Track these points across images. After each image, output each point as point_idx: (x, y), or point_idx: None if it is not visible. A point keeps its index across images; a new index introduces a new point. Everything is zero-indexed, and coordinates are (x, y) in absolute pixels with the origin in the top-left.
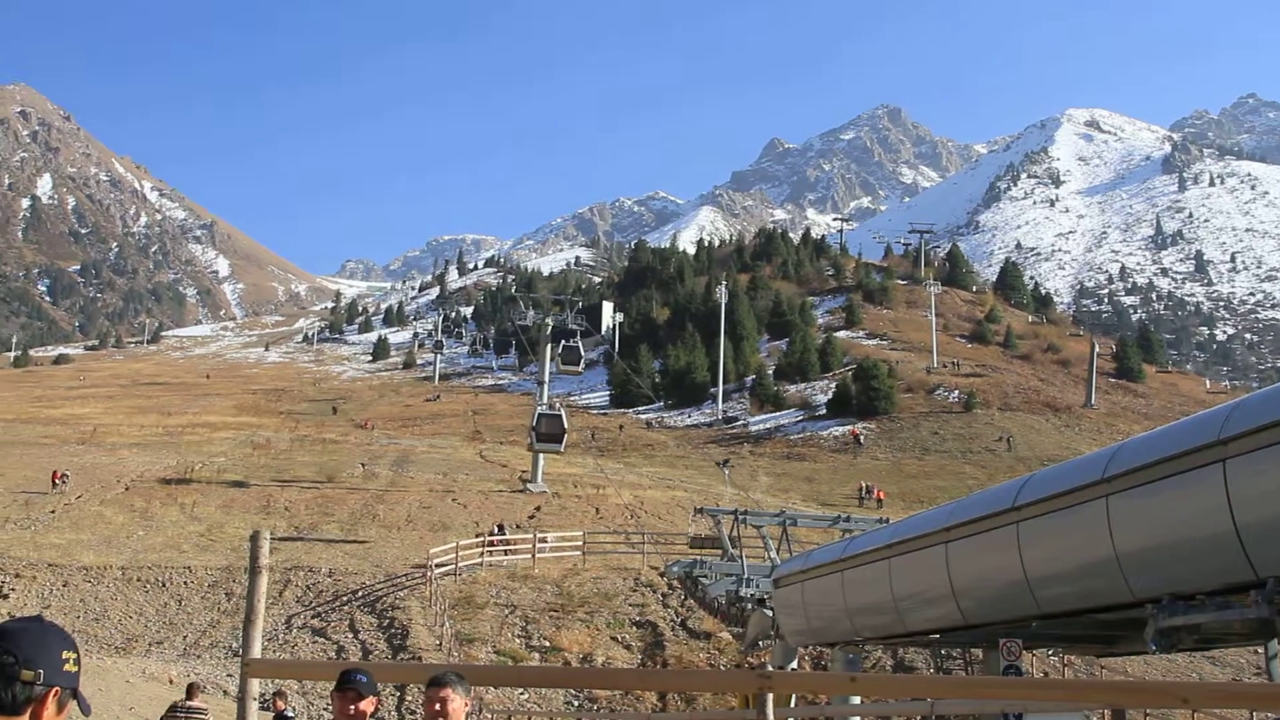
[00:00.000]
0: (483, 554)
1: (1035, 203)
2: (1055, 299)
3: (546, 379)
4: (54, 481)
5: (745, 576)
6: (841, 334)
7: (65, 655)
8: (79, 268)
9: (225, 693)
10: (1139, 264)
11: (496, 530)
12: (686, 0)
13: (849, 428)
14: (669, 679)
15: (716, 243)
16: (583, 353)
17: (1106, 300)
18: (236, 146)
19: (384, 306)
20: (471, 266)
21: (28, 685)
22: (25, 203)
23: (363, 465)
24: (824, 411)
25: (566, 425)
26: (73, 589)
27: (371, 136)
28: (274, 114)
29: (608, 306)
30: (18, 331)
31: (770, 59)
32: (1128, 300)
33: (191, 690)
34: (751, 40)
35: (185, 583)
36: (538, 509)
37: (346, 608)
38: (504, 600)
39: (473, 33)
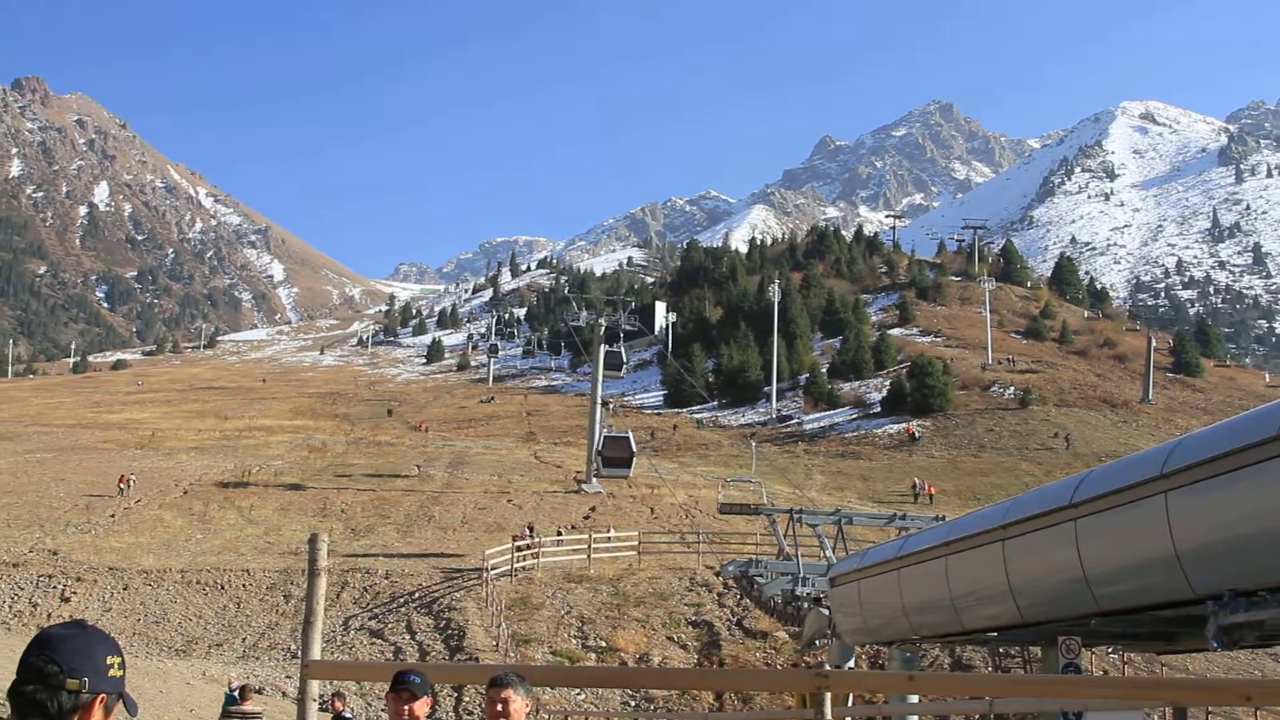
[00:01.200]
0: (512, 558)
1: (1090, 197)
2: (1111, 294)
3: (600, 378)
4: (120, 485)
5: (801, 575)
6: (895, 331)
7: (109, 661)
8: (136, 274)
9: (284, 694)
10: (1196, 257)
11: (527, 532)
12: (738, 1)
13: (904, 425)
14: (726, 679)
15: (769, 241)
16: (624, 358)
17: (1163, 294)
18: (288, 149)
19: (437, 309)
20: (524, 268)
21: (73, 694)
22: (83, 210)
23: (418, 467)
24: (878, 409)
25: (635, 449)
26: (133, 592)
27: (423, 138)
28: (324, 116)
29: (660, 306)
30: (76, 338)
31: (821, 58)
32: (1184, 294)
33: (244, 693)
34: (803, 40)
35: (244, 585)
36: (593, 509)
37: (403, 609)
38: (560, 601)
39: (525, 33)
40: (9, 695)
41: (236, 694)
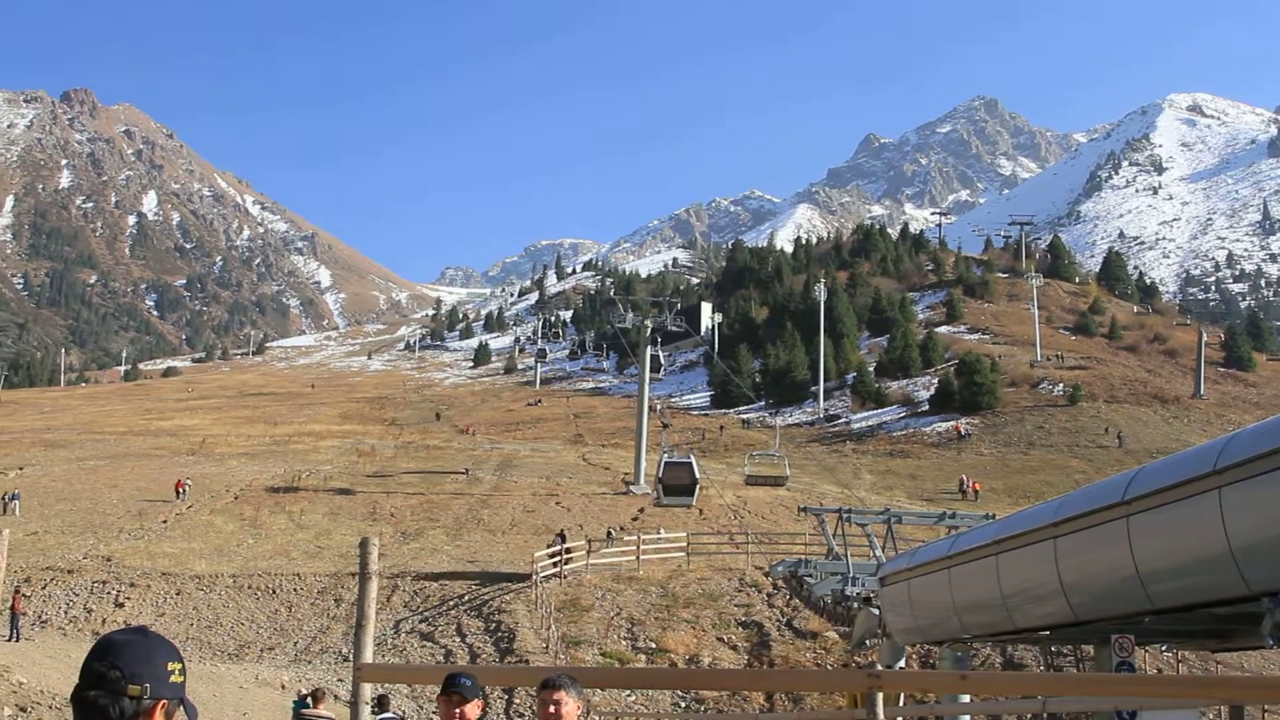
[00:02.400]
0: (556, 562)
1: (1138, 191)
2: (1160, 288)
3: (647, 379)
4: (176, 490)
5: (851, 575)
6: (942, 329)
7: (170, 666)
8: (185, 282)
9: (336, 697)
10: (1246, 250)
11: (557, 540)
12: (782, 5)
13: (952, 423)
14: (777, 679)
15: (814, 240)
16: (662, 360)
17: (1213, 288)
18: (335, 154)
19: (484, 312)
20: (570, 271)
21: (135, 699)
22: (132, 220)
23: (466, 470)
24: (926, 408)
25: (699, 474)
26: (186, 597)
27: (469, 142)
28: (371, 121)
29: (706, 307)
30: (127, 346)
31: (865, 61)
32: (1235, 287)
33: (317, 697)
34: (848, 42)
35: (295, 589)
36: (641, 511)
37: (453, 612)
38: (609, 602)
39: (569, 37)
40: (72, 700)
41: (308, 699)
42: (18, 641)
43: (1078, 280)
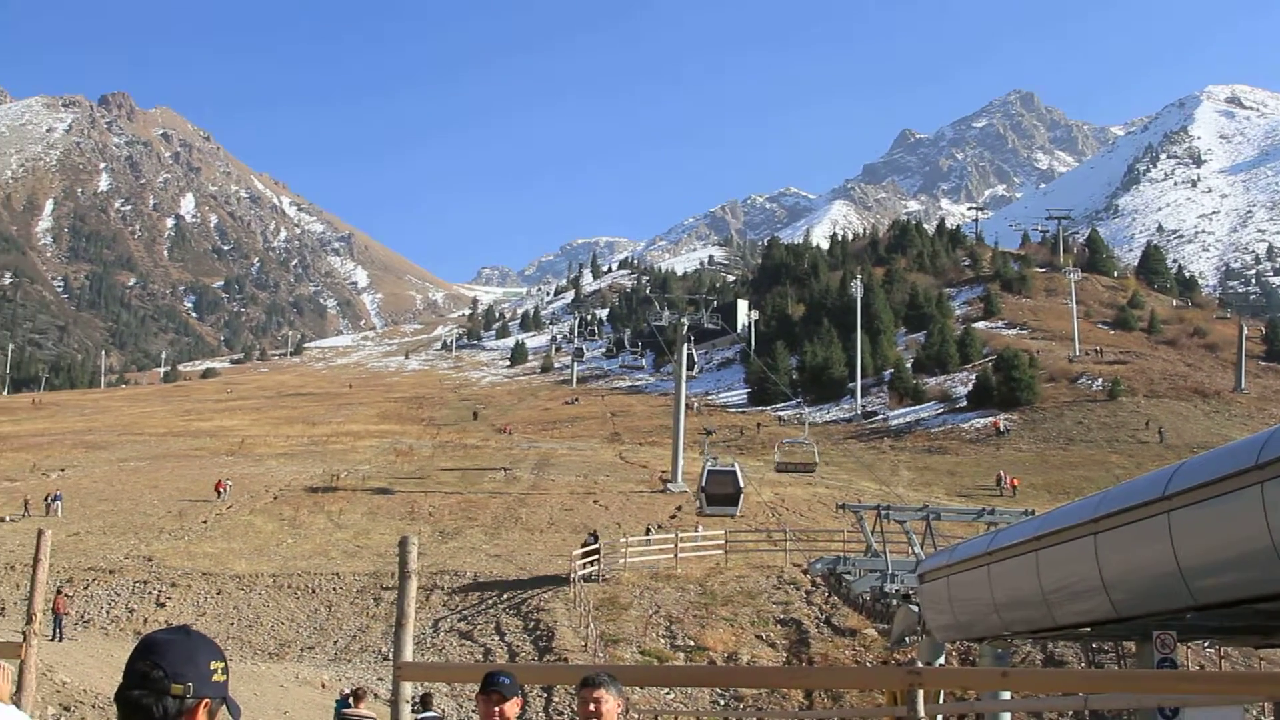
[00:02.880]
0: (586, 564)
1: (1176, 184)
2: (1200, 282)
3: (683, 377)
4: (217, 490)
5: (890, 572)
6: (980, 325)
7: (213, 666)
8: (223, 283)
9: (375, 696)
10: None
11: (591, 540)
12: (819, 3)
13: (991, 419)
14: (818, 676)
15: (850, 237)
16: (697, 359)
17: (1254, 281)
18: (370, 153)
19: (520, 312)
20: (606, 269)
21: (178, 699)
22: (170, 222)
23: (504, 470)
24: (964, 404)
25: (743, 483)
26: (226, 597)
27: (504, 140)
28: (406, 119)
29: (743, 304)
30: (167, 347)
31: (902, 55)
32: (1276, 280)
33: (358, 695)
34: (883, 39)
35: (334, 589)
36: (679, 509)
37: (492, 610)
38: (648, 600)
39: (606, 33)
40: (116, 699)
41: (350, 698)
42: (61, 641)
43: (1116, 274)
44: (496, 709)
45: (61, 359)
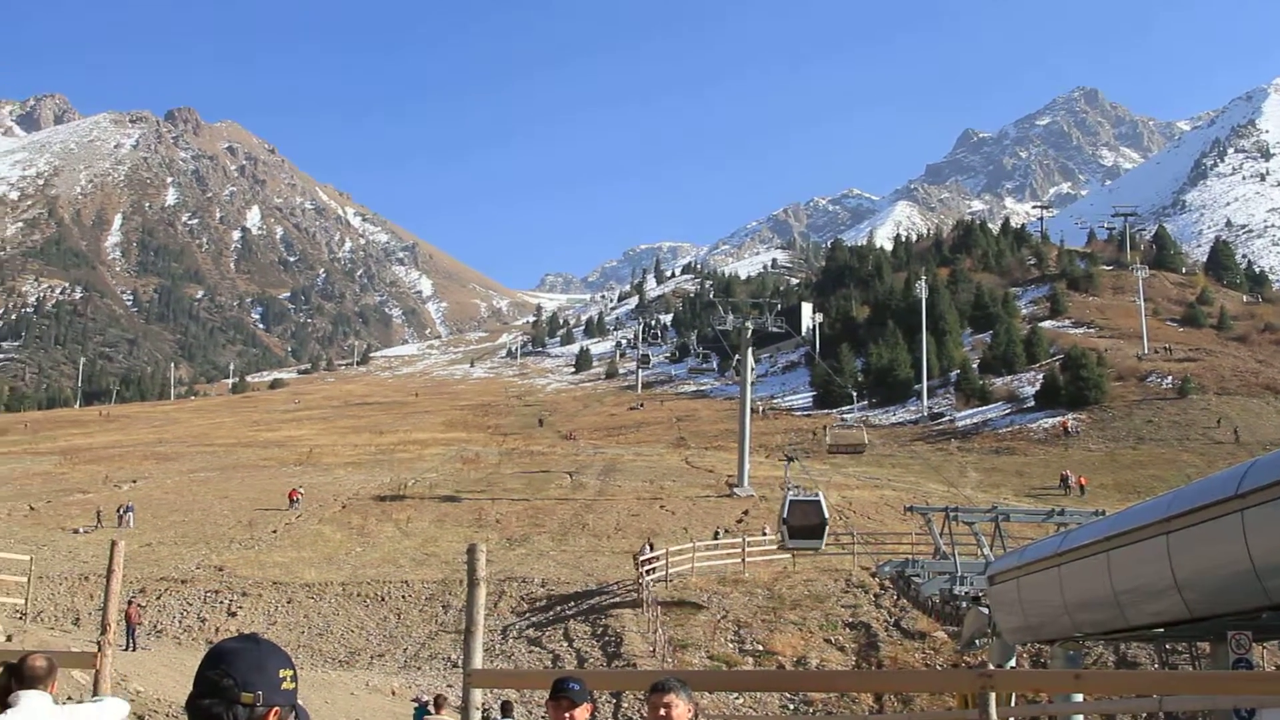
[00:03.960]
0: (639, 574)
1: (1244, 178)
2: (1270, 277)
3: (749, 381)
4: (290, 499)
5: (959, 574)
6: (1047, 324)
7: (282, 674)
8: (289, 295)
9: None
10: None
11: (647, 549)
12: (884, 7)
13: (1059, 419)
14: (888, 680)
15: (914, 237)
16: (751, 363)
17: None
18: (432, 161)
19: (584, 318)
20: (669, 274)
21: (248, 707)
22: (236, 235)
23: (570, 476)
24: (1032, 404)
25: (828, 513)
26: (296, 605)
27: (566, 147)
28: (467, 126)
29: (807, 307)
30: (234, 359)
31: (965, 55)
32: None
33: (439, 703)
34: (946, 39)
35: (403, 597)
36: (745, 513)
37: (560, 617)
38: (716, 605)
39: (669, 39)
40: (186, 708)
41: (430, 706)
42: (134, 651)
43: (1184, 271)
44: (566, 715)
45: (132, 372)
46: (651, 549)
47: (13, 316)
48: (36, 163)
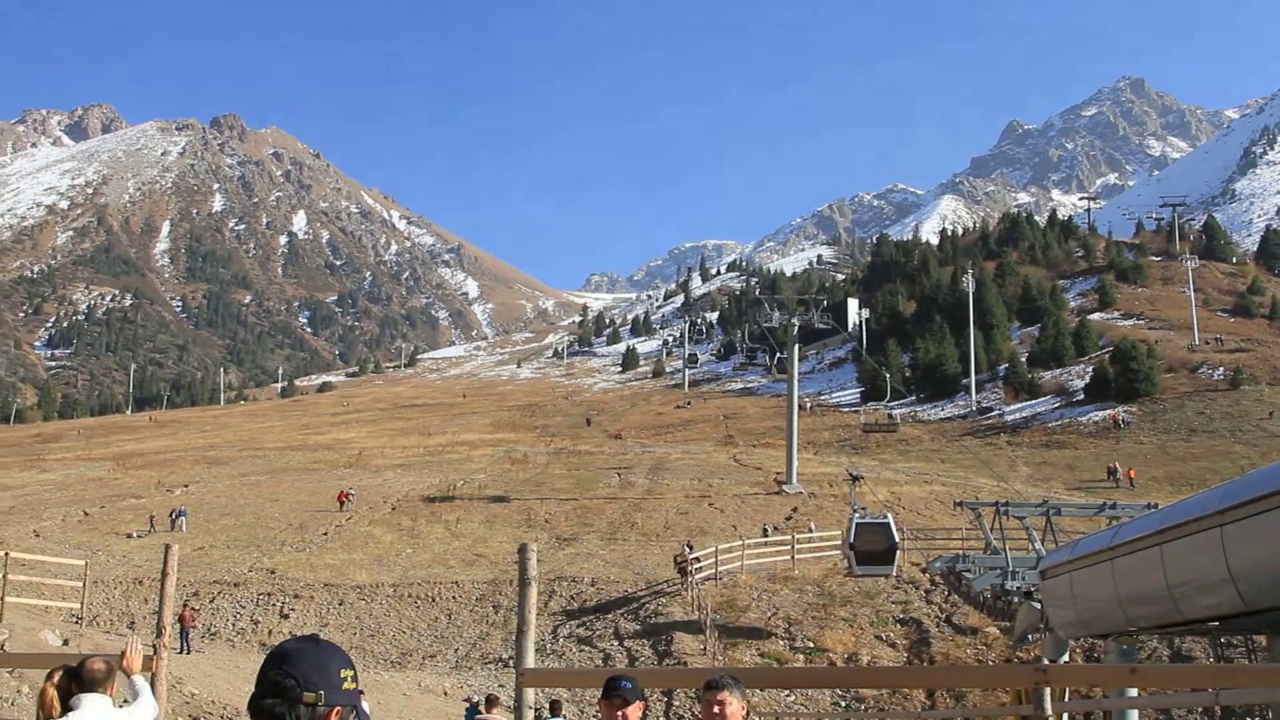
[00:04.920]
0: (689, 575)
1: None
2: None
3: (795, 377)
4: (340, 501)
5: (1010, 569)
6: (1095, 316)
7: (344, 674)
8: (336, 298)
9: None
10: None
11: (687, 550)
12: (930, 6)
13: (1109, 412)
14: (941, 676)
15: (960, 231)
16: (794, 359)
17: None
18: (476, 162)
19: (630, 317)
20: (714, 272)
21: (310, 707)
22: (283, 239)
23: (618, 475)
24: (1082, 397)
25: (899, 536)
26: (348, 607)
27: (611, 146)
28: (510, 127)
29: (853, 303)
30: (283, 363)
31: (1009, 47)
32: None
33: (491, 702)
34: (991, 33)
35: (454, 597)
36: (794, 510)
37: (610, 615)
38: (766, 602)
39: (716, 39)
40: (249, 708)
41: (481, 705)
42: (189, 654)
43: (1235, 260)
44: (619, 713)
45: (182, 377)
46: (691, 550)
47: (64, 324)
48: (85, 172)
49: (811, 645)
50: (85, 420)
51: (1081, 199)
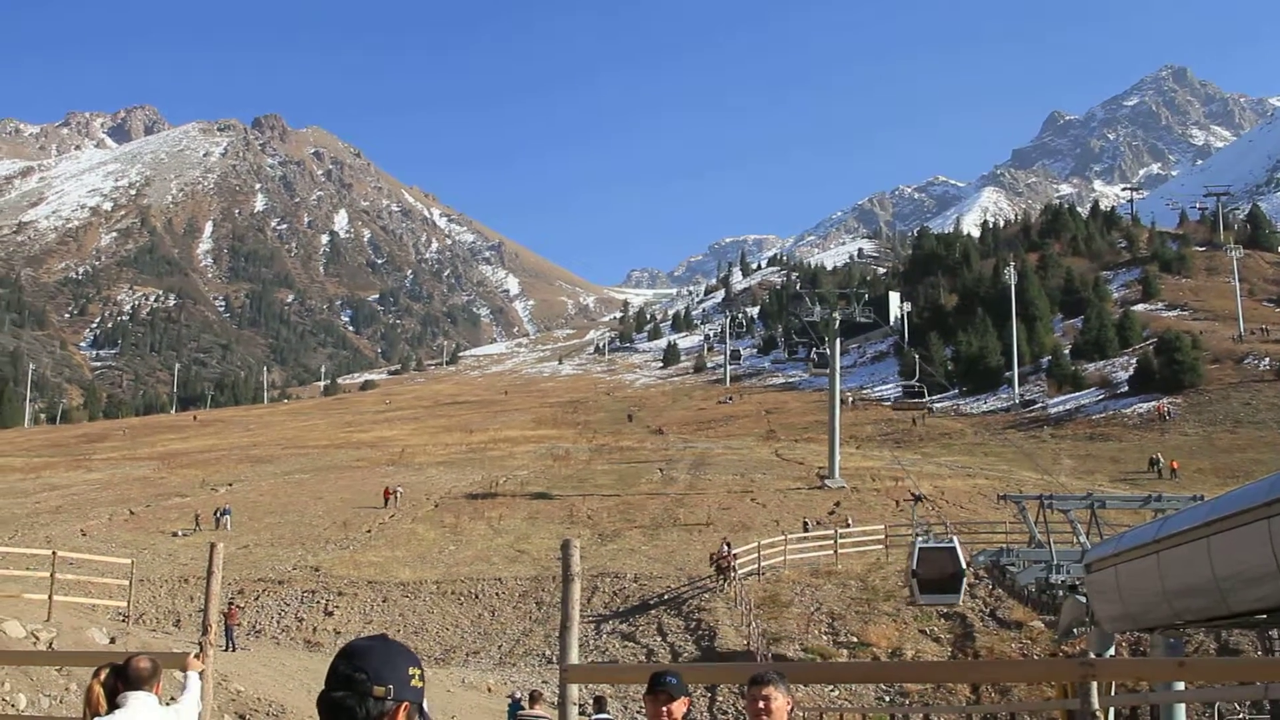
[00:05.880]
0: (718, 574)
1: None
2: None
3: (837, 372)
4: (386, 498)
5: (1054, 563)
6: (1139, 307)
7: (411, 671)
8: (378, 296)
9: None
10: None
11: (725, 549)
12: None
13: (1154, 404)
14: (987, 670)
15: (1001, 223)
16: (828, 355)
17: None
18: (515, 159)
19: (671, 313)
20: (755, 267)
21: (379, 701)
22: (324, 238)
23: (661, 470)
24: (1126, 389)
25: (965, 563)
26: (392, 604)
27: (649, 142)
28: (549, 123)
29: (894, 296)
30: (325, 361)
31: (1049, 38)
32: None
33: (534, 698)
34: (1031, 23)
35: (497, 594)
36: (837, 504)
37: (653, 611)
38: (809, 597)
39: (754, 34)
40: (318, 702)
41: (524, 701)
42: (234, 651)
43: None
44: (664, 709)
45: (225, 376)
46: (729, 548)
47: (109, 325)
48: (129, 173)
49: (855, 640)
50: (130, 420)
51: (1124, 189)
